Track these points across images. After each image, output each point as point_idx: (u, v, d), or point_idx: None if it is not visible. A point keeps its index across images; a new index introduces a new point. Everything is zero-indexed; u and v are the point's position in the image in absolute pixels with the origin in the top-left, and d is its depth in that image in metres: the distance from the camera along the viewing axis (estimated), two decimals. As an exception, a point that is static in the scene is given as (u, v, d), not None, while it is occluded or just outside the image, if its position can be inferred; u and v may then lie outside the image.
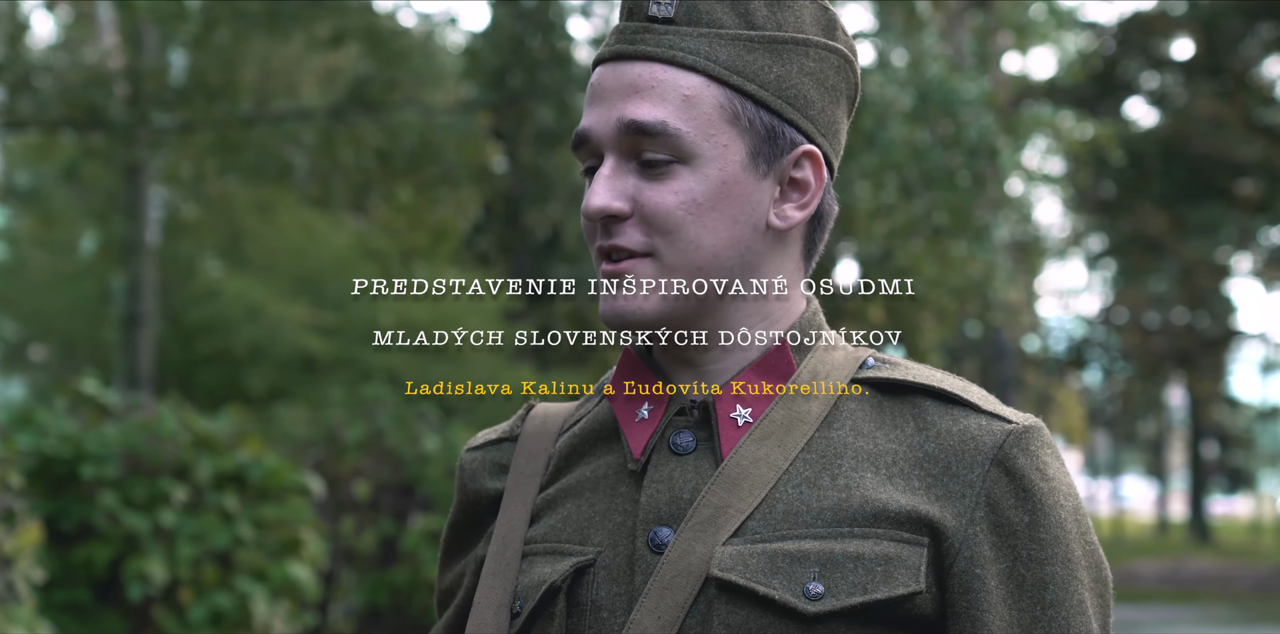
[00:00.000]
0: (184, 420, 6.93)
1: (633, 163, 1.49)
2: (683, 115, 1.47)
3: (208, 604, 6.54)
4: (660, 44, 1.49)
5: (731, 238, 1.49)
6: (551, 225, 19.07)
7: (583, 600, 1.49)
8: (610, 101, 1.50)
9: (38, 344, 20.11)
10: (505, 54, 15.75)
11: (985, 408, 1.49)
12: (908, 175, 12.64)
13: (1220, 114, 25.21)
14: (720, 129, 1.48)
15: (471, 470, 1.67)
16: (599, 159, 1.51)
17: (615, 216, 1.48)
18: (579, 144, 1.52)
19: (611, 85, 1.51)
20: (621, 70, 1.51)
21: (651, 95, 1.48)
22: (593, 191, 1.49)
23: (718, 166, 1.48)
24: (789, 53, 1.51)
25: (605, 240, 1.50)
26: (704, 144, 1.48)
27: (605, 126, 1.50)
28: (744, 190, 1.49)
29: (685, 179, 1.48)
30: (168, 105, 12.49)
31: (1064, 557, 1.45)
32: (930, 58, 13.52)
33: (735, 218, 1.49)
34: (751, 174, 1.50)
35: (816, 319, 1.57)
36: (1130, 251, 30.81)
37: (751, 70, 1.49)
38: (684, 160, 1.48)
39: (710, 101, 1.48)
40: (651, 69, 1.49)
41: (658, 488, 1.49)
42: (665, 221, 1.47)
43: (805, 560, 1.42)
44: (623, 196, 1.48)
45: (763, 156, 1.50)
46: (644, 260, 1.49)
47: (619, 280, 1.49)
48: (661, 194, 1.48)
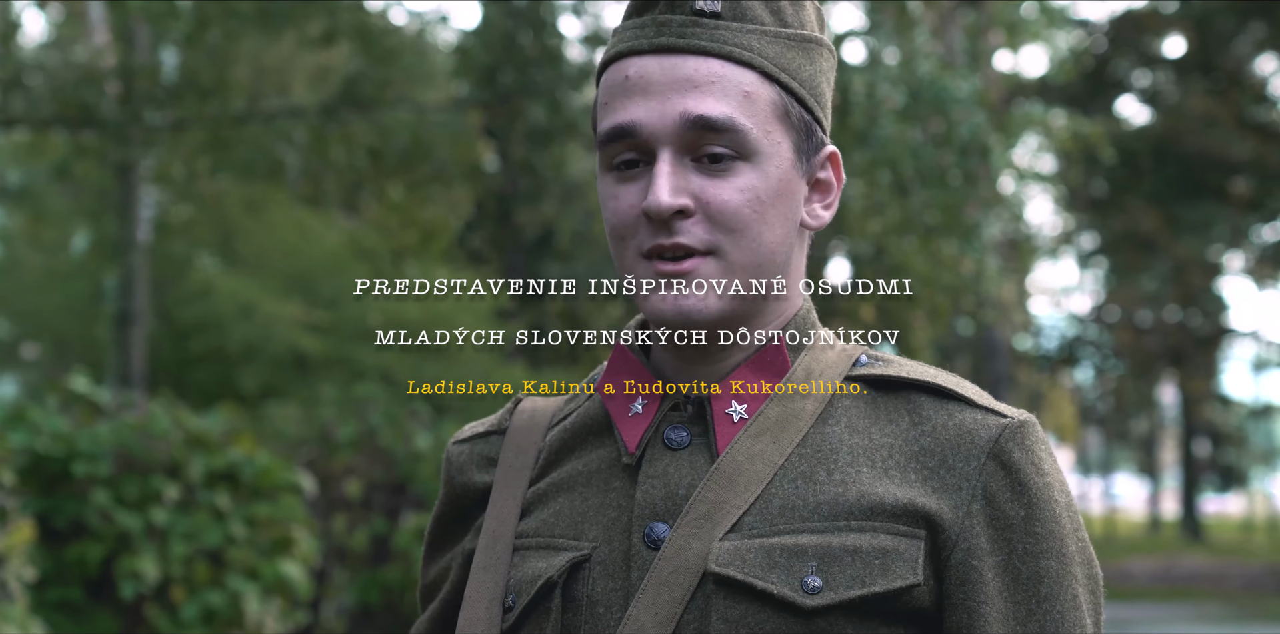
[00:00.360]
0: (176, 419, 6.93)
1: (687, 158, 1.47)
2: (745, 111, 1.47)
3: (200, 602, 6.53)
4: (714, 39, 1.48)
5: (785, 236, 1.50)
6: (543, 224, 19.06)
7: (578, 596, 1.48)
8: (664, 95, 1.46)
9: (30, 342, 20.10)
10: (497, 52, 15.73)
11: (980, 403, 1.50)
12: (901, 173, 12.65)
13: (1212, 112, 25.22)
14: (774, 126, 1.49)
15: (459, 463, 1.65)
16: (641, 153, 1.48)
17: (680, 212, 1.46)
18: (619, 136, 1.48)
19: (661, 78, 1.47)
20: (672, 63, 1.47)
21: (713, 90, 1.46)
22: (658, 186, 1.45)
23: (775, 164, 1.48)
24: (812, 52, 1.53)
25: (666, 238, 1.46)
26: (764, 141, 1.47)
27: (662, 120, 1.46)
28: (794, 188, 1.51)
29: (748, 176, 1.47)
30: (159, 104, 12.48)
31: (1059, 551, 1.46)
32: (922, 56, 13.52)
33: (787, 216, 1.50)
34: (797, 172, 1.51)
35: (810, 317, 1.57)
36: (1122, 250, 30.82)
37: (793, 68, 1.50)
38: (746, 157, 1.47)
39: (766, 98, 1.48)
40: (708, 64, 1.47)
41: (653, 483, 1.48)
42: (732, 219, 1.46)
43: (803, 554, 1.42)
44: (685, 193, 1.46)
45: (804, 154, 1.51)
46: (707, 259, 1.47)
47: (682, 279, 1.47)
48: (727, 191, 1.46)
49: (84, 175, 15.07)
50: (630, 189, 1.48)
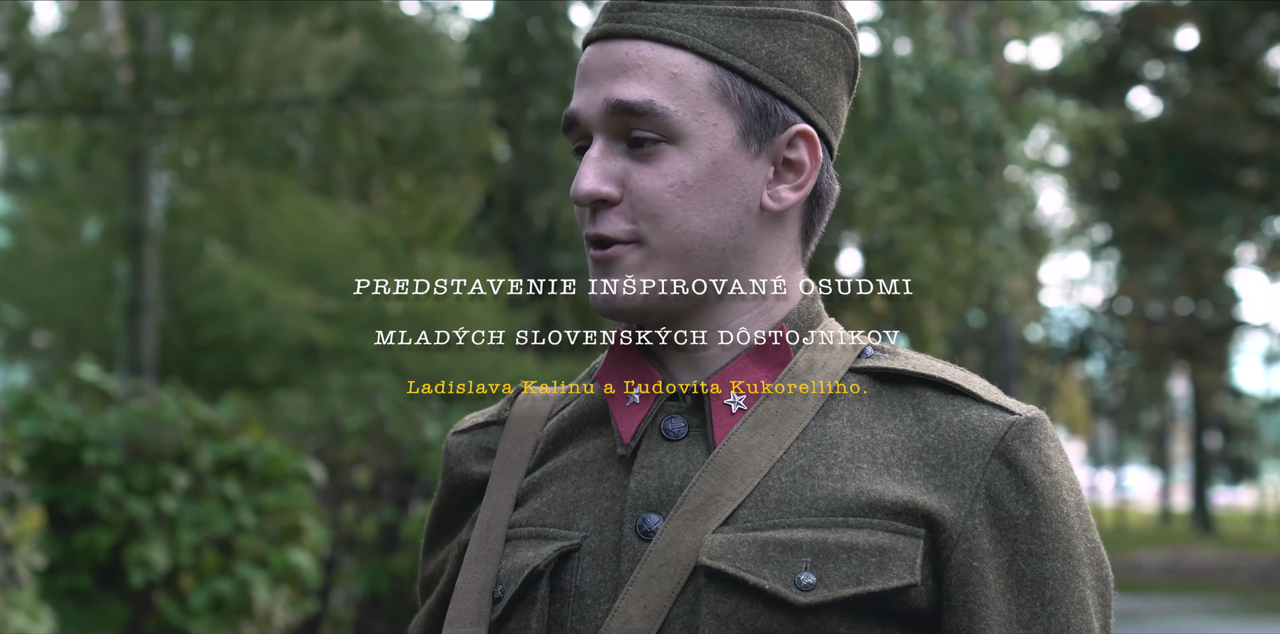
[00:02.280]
0: (185, 407, 6.94)
1: (621, 144, 1.45)
2: (670, 93, 1.43)
3: (209, 590, 6.54)
4: (647, 21, 1.45)
5: (721, 220, 1.45)
6: (551, 214, 19.07)
7: (566, 586, 1.45)
8: (597, 82, 1.46)
9: (41, 331, 20.13)
10: (508, 42, 15.74)
11: (987, 398, 1.45)
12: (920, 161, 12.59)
13: (1224, 104, 25.16)
14: (709, 107, 1.44)
15: (457, 454, 1.63)
16: (589, 140, 1.48)
17: (604, 201, 1.44)
18: (569, 126, 1.48)
19: (599, 65, 1.47)
20: (609, 49, 1.47)
21: (639, 74, 1.44)
22: (581, 175, 1.45)
23: (707, 146, 1.44)
24: (781, 28, 1.47)
25: (591, 228, 1.46)
26: (693, 123, 1.43)
27: (592, 107, 1.45)
28: (735, 171, 1.45)
29: (674, 160, 1.44)
30: (171, 92, 12.48)
31: (1065, 552, 1.41)
32: (934, 47, 13.49)
33: (726, 199, 1.45)
34: (743, 153, 1.45)
35: (815, 306, 1.53)
36: (1134, 242, 30.77)
37: (741, 46, 1.45)
38: (672, 140, 1.44)
39: (699, 79, 1.44)
40: (638, 47, 1.45)
41: (647, 474, 1.45)
42: (652, 205, 1.43)
43: (797, 550, 1.38)
44: (611, 180, 1.45)
45: (754, 135, 1.45)
46: (629, 246, 1.45)
47: (606, 266, 1.46)
48: (650, 177, 1.44)
49: (96, 164, 15.09)
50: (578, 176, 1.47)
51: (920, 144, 12.42)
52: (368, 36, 13.18)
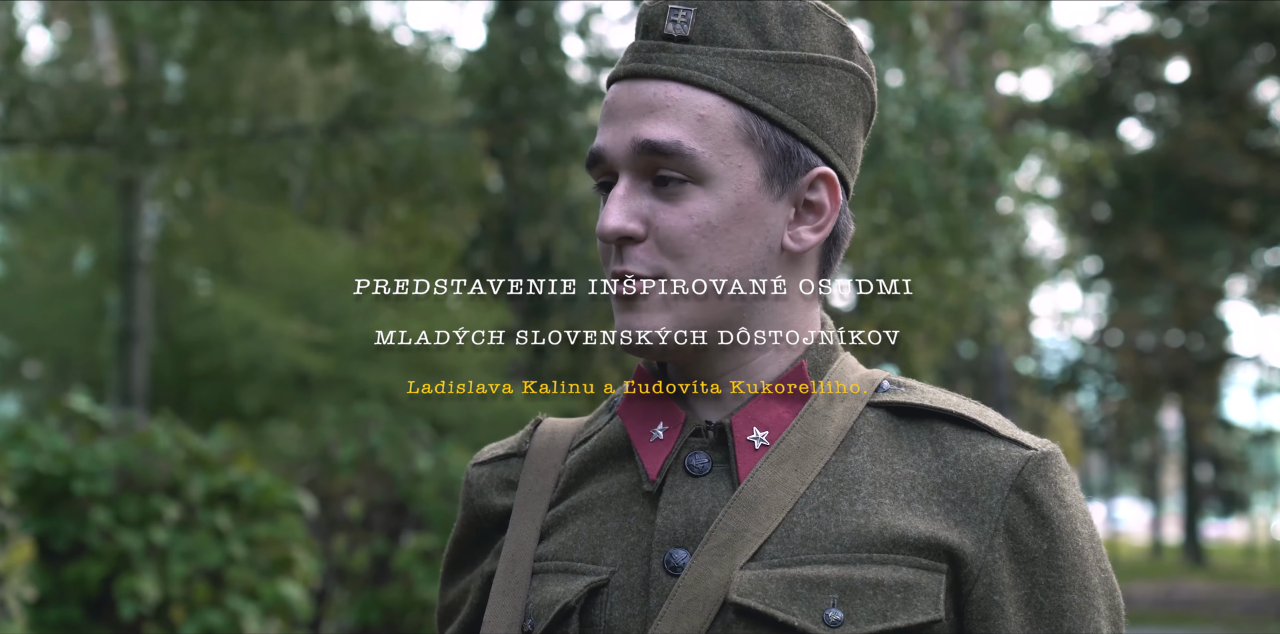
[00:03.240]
0: (177, 438, 6.92)
1: (647, 183, 1.48)
2: (697, 135, 1.46)
3: (200, 622, 6.51)
4: (675, 63, 1.48)
5: (745, 260, 1.48)
6: (543, 244, 19.07)
7: (596, 621, 1.47)
8: (624, 121, 1.48)
9: (31, 360, 20.09)
10: (501, 72, 15.75)
11: (1003, 433, 1.48)
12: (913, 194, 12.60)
13: (1215, 136, 25.24)
14: (735, 149, 1.47)
15: (478, 486, 1.64)
16: (613, 177, 1.50)
17: (629, 238, 1.47)
18: (594, 162, 1.51)
19: (626, 104, 1.49)
20: (637, 89, 1.49)
21: (666, 114, 1.47)
22: (607, 212, 1.47)
23: (732, 188, 1.47)
24: (805, 72, 1.50)
25: (618, 265, 1.48)
26: (719, 164, 1.46)
27: (619, 146, 1.48)
28: (758, 212, 1.48)
29: (699, 200, 1.46)
30: (164, 122, 12.49)
31: (1081, 584, 1.45)
32: (925, 78, 13.52)
33: (750, 240, 1.48)
34: (766, 195, 1.48)
35: (832, 344, 1.55)
36: (1125, 274, 30.83)
37: (767, 90, 1.48)
38: (698, 180, 1.46)
39: (725, 121, 1.47)
40: (666, 88, 1.48)
41: (674, 509, 1.47)
42: (679, 245, 1.46)
43: (824, 586, 1.40)
44: (636, 217, 1.47)
45: (778, 177, 1.48)
46: (656, 283, 1.47)
47: (631, 303, 1.48)
48: (675, 217, 1.46)
49: (88, 193, 15.07)
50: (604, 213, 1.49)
51: (912, 176, 12.44)
52: (361, 67, 13.21)
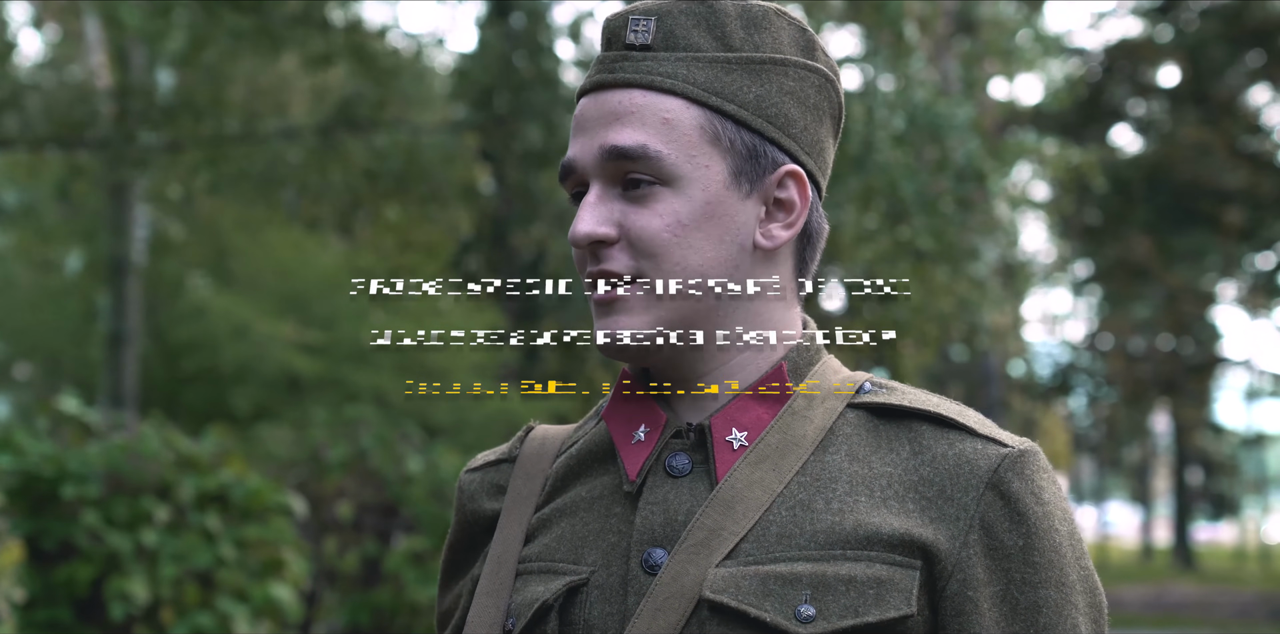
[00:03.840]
0: (166, 440, 6.92)
1: (617, 188, 1.51)
2: (663, 138, 1.49)
3: (189, 624, 6.51)
4: (638, 70, 1.51)
5: (718, 258, 1.50)
6: (536, 246, 19.07)
7: (575, 619, 1.49)
8: (592, 131, 1.51)
9: (22, 362, 20.06)
10: (493, 75, 15.75)
11: (981, 432, 1.49)
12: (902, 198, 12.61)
13: (1205, 141, 25.27)
14: (701, 150, 1.49)
15: (470, 491, 1.67)
16: (585, 188, 1.53)
17: (602, 242, 1.49)
18: (566, 174, 1.54)
19: (593, 114, 1.52)
20: (602, 99, 1.52)
21: (631, 120, 1.49)
22: (579, 218, 1.50)
23: (700, 187, 1.49)
24: (767, 73, 1.52)
25: (594, 265, 1.50)
26: (686, 165, 1.49)
27: (588, 155, 1.51)
28: (728, 210, 1.50)
29: (669, 201, 1.48)
30: (155, 124, 12.47)
31: (1058, 580, 1.44)
32: (917, 83, 13.53)
33: (720, 238, 1.50)
34: (735, 193, 1.50)
35: (813, 343, 1.57)
36: (1116, 278, 30.85)
37: (730, 91, 1.50)
38: (667, 182, 1.48)
39: (690, 123, 1.49)
40: (630, 95, 1.50)
41: (653, 510, 1.49)
42: (651, 244, 1.48)
43: (797, 583, 1.41)
44: (608, 222, 1.50)
45: (745, 176, 1.50)
46: (633, 286, 1.49)
47: (609, 308, 1.50)
48: (646, 218, 1.48)
49: (79, 195, 15.05)
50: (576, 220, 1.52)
51: (900, 179, 12.45)
52: (354, 69, 13.20)
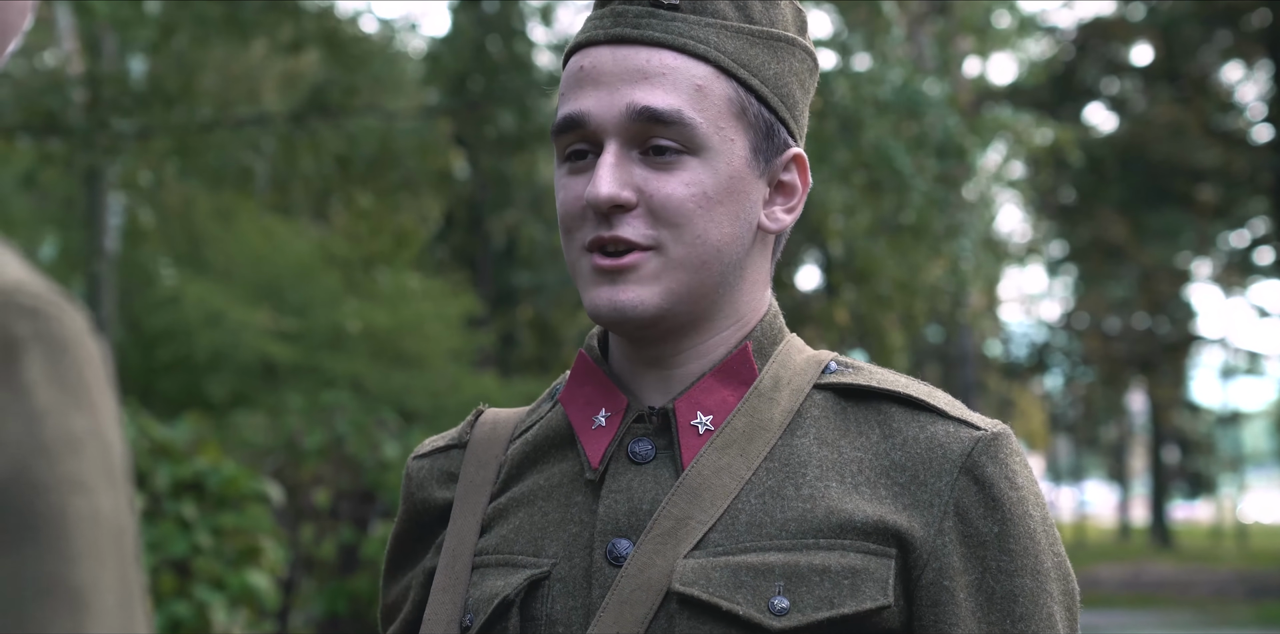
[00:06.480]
0: (141, 427, 6.88)
1: (634, 151, 1.43)
2: (695, 105, 1.42)
3: (166, 613, 6.48)
4: (669, 31, 1.44)
5: (734, 235, 1.44)
6: (510, 232, 19.06)
7: (537, 614, 1.43)
8: (613, 85, 1.43)
9: (-4, 351, 19.95)
10: (466, 59, 15.71)
11: (952, 414, 1.44)
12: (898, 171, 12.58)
13: (1179, 120, 25.34)
14: (728, 122, 1.44)
15: (419, 479, 1.60)
16: (589, 145, 1.45)
17: (621, 207, 1.41)
18: (570, 127, 1.45)
19: (613, 69, 1.44)
20: (624, 54, 1.44)
21: (664, 82, 1.42)
22: (599, 178, 1.41)
23: (725, 161, 1.43)
24: (781, 51, 1.48)
25: (606, 231, 1.42)
26: (714, 136, 1.43)
27: (609, 110, 1.42)
28: (746, 187, 1.45)
29: (695, 171, 1.42)
30: (126, 111, 12.40)
31: (1034, 568, 1.41)
32: (894, 61, 13.52)
33: (737, 215, 1.45)
34: (753, 171, 1.46)
35: (777, 322, 1.52)
36: (1090, 257, 30.93)
37: (754, 65, 1.46)
38: (694, 152, 1.42)
39: (720, 93, 1.44)
40: (660, 55, 1.43)
41: (616, 498, 1.43)
42: (675, 214, 1.42)
43: (770, 574, 1.36)
44: (629, 186, 1.42)
45: (762, 154, 1.46)
46: (647, 254, 1.42)
47: (619, 275, 1.42)
48: (671, 185, 1.42)
49: (50, 183, 14.98)
50: (578, 180, 1.44)
51: (895, 153, 12.41)
52: (325, 55, 13.14)
